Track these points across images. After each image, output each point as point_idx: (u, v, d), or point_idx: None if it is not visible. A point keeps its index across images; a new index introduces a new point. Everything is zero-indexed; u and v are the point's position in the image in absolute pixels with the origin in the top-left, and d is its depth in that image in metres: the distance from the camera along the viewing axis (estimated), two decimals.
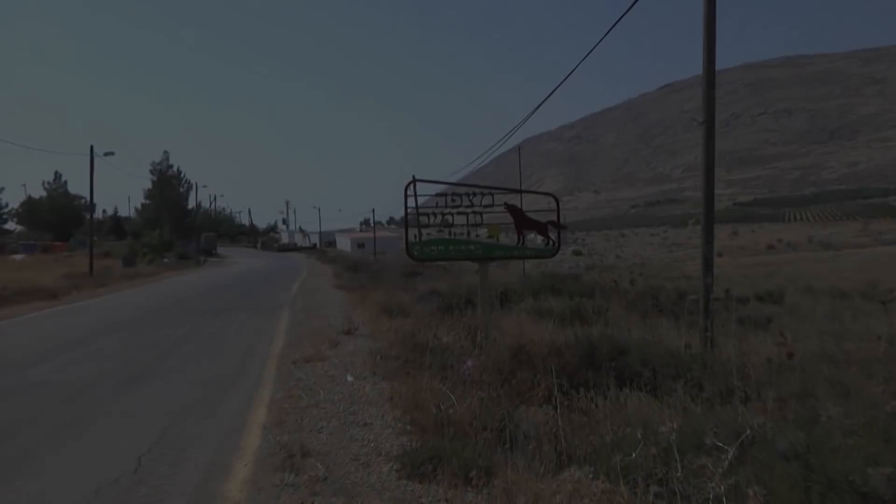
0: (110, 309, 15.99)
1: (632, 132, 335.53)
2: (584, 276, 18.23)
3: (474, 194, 7.98)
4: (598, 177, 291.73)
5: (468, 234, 7.95)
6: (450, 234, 7.93)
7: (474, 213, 7.89)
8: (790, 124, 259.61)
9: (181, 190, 70.59)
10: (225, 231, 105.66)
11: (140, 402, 6.35)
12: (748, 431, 3.39)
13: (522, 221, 8.04)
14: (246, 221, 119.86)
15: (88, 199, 31.61)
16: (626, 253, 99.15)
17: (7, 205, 63.55)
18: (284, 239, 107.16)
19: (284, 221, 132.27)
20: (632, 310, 10.21)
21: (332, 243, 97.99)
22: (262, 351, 9.33)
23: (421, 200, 8.22)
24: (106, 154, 31.13)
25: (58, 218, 64.12)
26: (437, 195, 8.42)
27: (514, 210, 8.02)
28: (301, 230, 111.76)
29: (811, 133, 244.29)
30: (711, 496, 2.95)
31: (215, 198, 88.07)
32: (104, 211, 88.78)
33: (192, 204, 70.13)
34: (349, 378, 7.03)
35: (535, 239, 8.38)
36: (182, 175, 71.33)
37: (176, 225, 64.78)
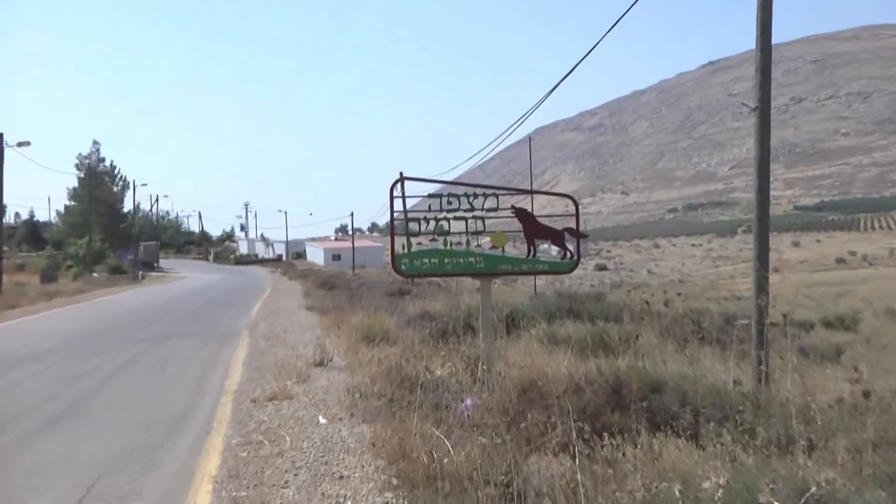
0: (26, 335, 15.93)
1: (668, 120, 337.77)
2: (609, 295, 18.22)
3: (475, 196, 8.02)
4: (627, 174, 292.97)
5: (467, 243, 7.98)
6: (445, 243, 7.97)
7: (475, 218, 7.94)
8: (866, 111, 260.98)
9: (115, 189, 70.66)
10: (169, 239, 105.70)
11: (63, 448, 6.31)
12: (814, 489, 3.38)
13: (533, 228, 8.09)
14: (195, 228, 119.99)
15: None
16: (662, 268, 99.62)
17: None
18: (243, 249, 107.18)
19: (243, 228, 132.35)
20: (667, 337, 10.21)
21: (302, 254, 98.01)
22: (214, 386, 9.31)
23: (410, 203, 8.26)
24: (20, 144, 31.14)
25: None
26: (430, 196, 8.45)
27: (523, 215, 8.07)
28: (263, 238, 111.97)
29: (893, 121, 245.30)
30: None
31: (157, 199, 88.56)
32: (17, 215, 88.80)
33: (128, 206, 70.29)
34: (321, 420, 7.01)
35: (548, 250, 8.41)
36: (116, 171, 71.50)
37: (108, 232, 64.67)
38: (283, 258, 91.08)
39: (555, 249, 8.30)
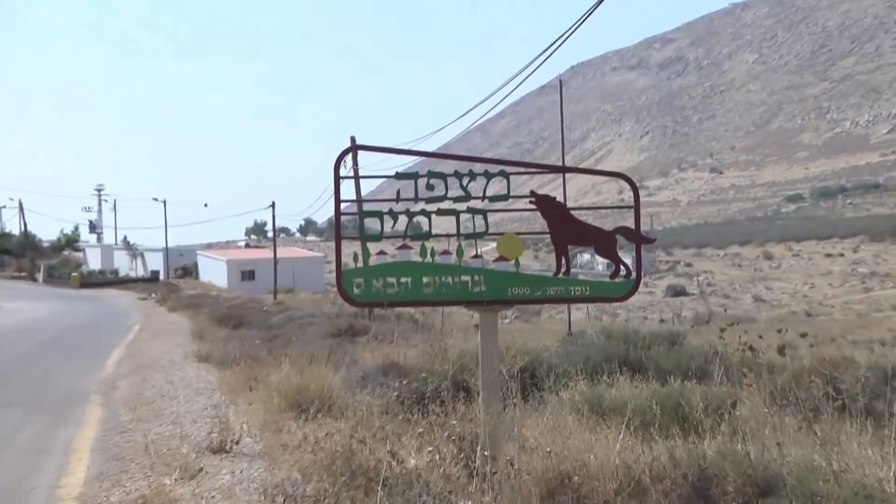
0: None
1: (788, 50, 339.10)
2: (691, 336, 18.26)
3: (472, 175, 8.03)
4: (721, 140, 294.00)
5: (459, 252, 8.00)
6: (423, 251, 7.98)
7: (471, 211, 7.96)
8: None
9: None
10: None
11: None
12: None
13: (566, 229, 8.09)
14: (14, 228, 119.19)
15: None
16: (776, 291, 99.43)
17: None
18: (93, 262, 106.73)
19: (94, 228, 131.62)
20: (785, 406, 10.24)
21: (191, 270, 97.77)
22: (42, 489, 9.24)
23: (368, 187, 8.32)
24: None
25: None
26: (400, 176, 8.48)
27: (549, 206, 8.08)
28: (128, 245, 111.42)
29: None
30: None
31: None
32: None
33: None
34: None
35: (591, 262, 8.45)
36: None
37: None
38: (162, 276, 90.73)
39: (601, 262, 8.36)
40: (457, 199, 7.99)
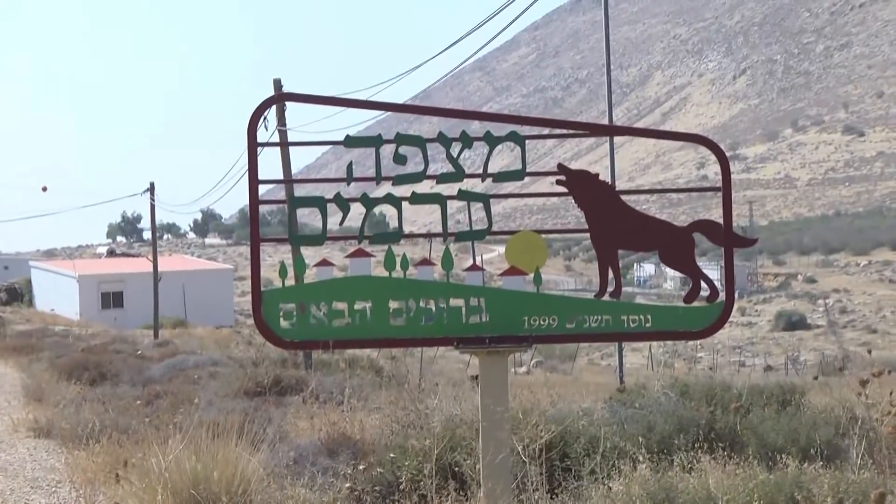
0: None
1: None
2: (814, 392, 18.39)
3: (467, 140, 8.03)
4: (859, 84, 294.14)
5: (446, 261, 8.02)
6: (391, 260, 8.00)
7: (465, 196, 7.96)
8: None
9: None
10: None
11: None
12: None
13: (614, 222, 8.08)
14: None
15: None
16: None
17: None
18: None
19: None
20: None
21: (21, 293, 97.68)
22: None
23: (305, 160, 8.34)
24: None
25: None
26: (352, 142, 8.51)
27: (586, 187, 8.05)
28: None
29: None
30: None
31: None
32: None
33: None
34: None
35: (660, 277, 8.47)
36: None
37: None
38: None
39: (671, 276, 8.38)
40: (442, 178, 7.98)
